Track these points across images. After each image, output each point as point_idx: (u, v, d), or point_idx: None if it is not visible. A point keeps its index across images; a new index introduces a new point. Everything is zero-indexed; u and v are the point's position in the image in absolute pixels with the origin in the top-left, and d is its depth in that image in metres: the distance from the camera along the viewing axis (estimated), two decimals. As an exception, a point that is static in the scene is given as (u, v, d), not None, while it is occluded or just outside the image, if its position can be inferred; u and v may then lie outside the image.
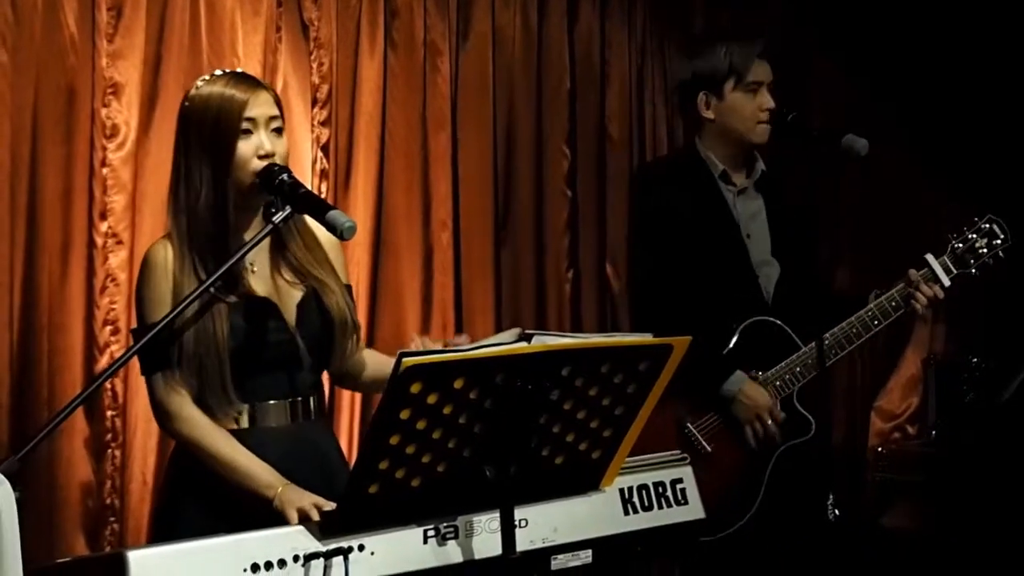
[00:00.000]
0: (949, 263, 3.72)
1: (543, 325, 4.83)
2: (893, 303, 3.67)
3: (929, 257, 3.72)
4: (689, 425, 3.59)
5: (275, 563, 2.16)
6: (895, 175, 5.56)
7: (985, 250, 3.75)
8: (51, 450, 3.72)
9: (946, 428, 5.39)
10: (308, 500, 2.42)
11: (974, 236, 3.75)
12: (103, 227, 3.82)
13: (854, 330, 3.65)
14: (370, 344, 4.33)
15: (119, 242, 3.83)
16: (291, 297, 2.67)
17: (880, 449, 5.42)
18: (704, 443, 3.59)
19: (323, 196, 4.27)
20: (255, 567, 2.15)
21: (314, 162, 4.24)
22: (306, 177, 4.21)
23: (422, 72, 4.52)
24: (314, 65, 4.26)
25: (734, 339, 3.63)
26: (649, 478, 2.61)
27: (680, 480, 2.66)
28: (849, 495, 5.27)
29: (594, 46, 5.01)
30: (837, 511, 3.33)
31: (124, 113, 3.87)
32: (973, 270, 3.76)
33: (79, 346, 3.79)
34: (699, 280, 3.64)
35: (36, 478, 3.70)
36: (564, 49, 4.91)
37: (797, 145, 3.63)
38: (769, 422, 3.60)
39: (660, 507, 2.61)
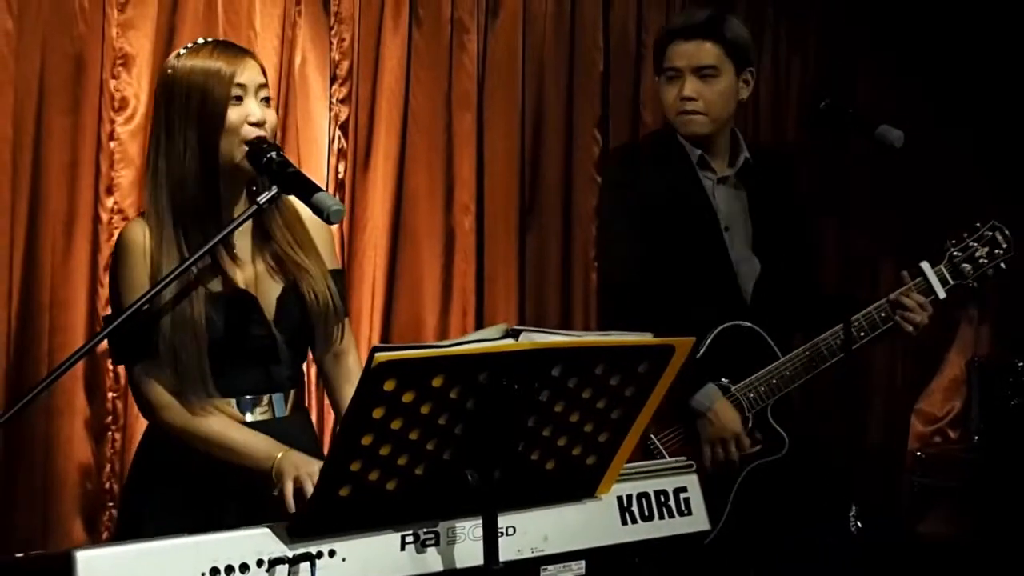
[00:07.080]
0: (946, 273, 3.41)
1: (568, 315, 4.68)
2: (883, 314, 3.42)
3: (924, 265, 3.41)
4: (652, 436, 3.35)
5: (236, 567, 2.01)
6: (938, 171, 5.38)
7: (985, 260, 3.41)
8: (50, 430, 3.63)
9: (989, 432, 5.26)
10: (306, 469, 2.27)
11: (975, 244, 3.41)
12: (109, 202, 3.72)
13: (838, 341, 3.39)
14: (386, 332, 4.21)
15: (125, 218, 3.71)
16: (271, 289, 2.54)
17: (919, 453, 5.27)
18: (667, 456, 3.34)
19: (341, 177, 4.14)
20: (215, 571, 2.00)
21: (331, 141, 4.11)
22: (323, 157, 4.09)
23: (448, 50, 4.37)
24: (334, 40, 4.13)
25: (706, 344, 3.36)
26: (650, 486, 2.44)
27: (684, 488, 2.48)
28: (884, 500, 5.12)
29: (630, 27, 4.84)
30: (860, 523, 3.14)
31: (134, 86, 3.76)
32: (971, 282, 3.43)
33: (81, 324, 3.69)
34: (673, 274, 3.35)
35: (33, 457, 3.61)
36: (598, 30, 4.74)
37: (832, 135, 3.40)
38: (733, 449, 3.34)
39: (661, 517, 2.44)
